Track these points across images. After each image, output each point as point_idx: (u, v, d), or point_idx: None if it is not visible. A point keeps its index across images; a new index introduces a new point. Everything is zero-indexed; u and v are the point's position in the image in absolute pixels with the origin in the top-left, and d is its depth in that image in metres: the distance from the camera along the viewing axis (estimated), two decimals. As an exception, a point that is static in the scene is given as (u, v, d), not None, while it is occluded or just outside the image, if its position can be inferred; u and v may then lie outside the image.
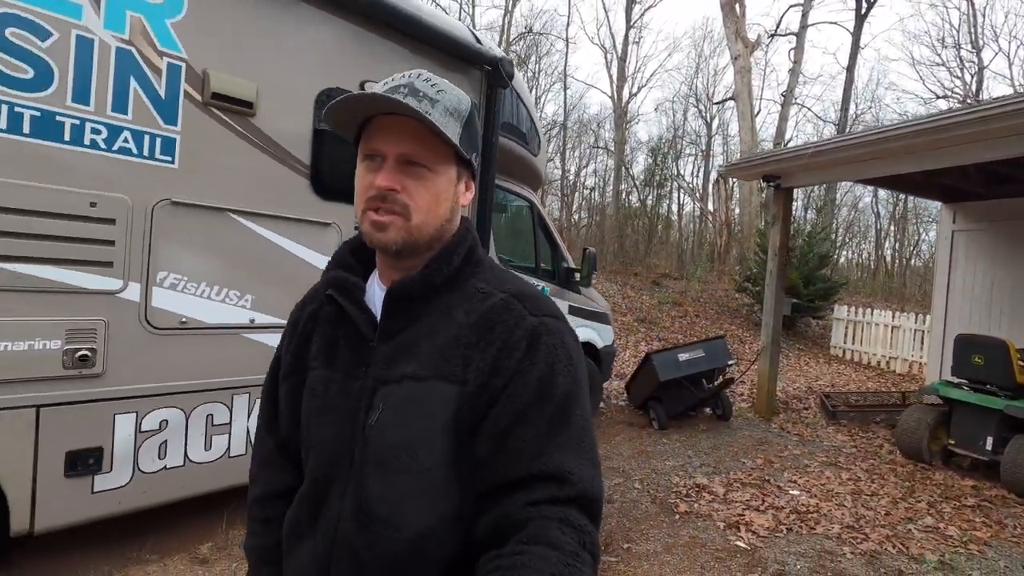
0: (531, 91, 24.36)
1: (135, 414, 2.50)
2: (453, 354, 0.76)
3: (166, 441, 2.61)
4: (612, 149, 24.55)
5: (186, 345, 2.64)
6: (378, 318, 0.82)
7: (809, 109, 31.78)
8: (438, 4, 17.86)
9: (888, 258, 24.93)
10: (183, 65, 2.53)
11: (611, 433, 5.35)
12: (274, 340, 2.62)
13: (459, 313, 0.79)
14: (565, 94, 26.17)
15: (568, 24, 40.60)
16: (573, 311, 5.28)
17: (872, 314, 11.00)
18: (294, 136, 2.94)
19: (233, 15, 2.66)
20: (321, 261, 3.06)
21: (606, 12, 42.56)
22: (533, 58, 26.31)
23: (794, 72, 19.40)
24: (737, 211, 18.56)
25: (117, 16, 2.34)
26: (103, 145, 2.34)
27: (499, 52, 3.88)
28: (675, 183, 22.94)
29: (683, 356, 5.63)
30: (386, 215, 0.77)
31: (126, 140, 2.40)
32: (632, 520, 3.48)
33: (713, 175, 24.33)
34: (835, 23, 22.83)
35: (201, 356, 2.69)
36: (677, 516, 3.56)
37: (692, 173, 26.72)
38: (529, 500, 0.68)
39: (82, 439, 2.37)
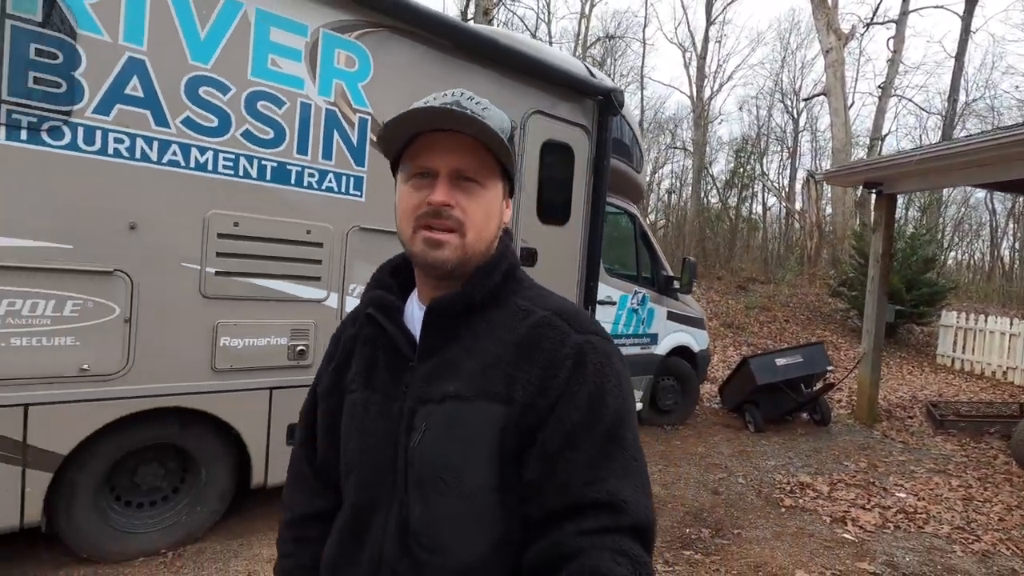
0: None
1: (332, 397, 3.14)
2: (496, 373, 0.73)
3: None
4: (691, 149, 24.21)
5: (368, 343, 3.25)
6: (417, 338, 0.80)
7: (910, 100, 29.69)
8: (523, 21, 18.45)
9: (1005, 259, 22.83)
10: (369, 118, 3.15)
11: (708, 433, 5.59)
12: None
13: (500, 331, 0.76)
14: (642, 95, 26.13)
15: (645, 25, 40.22)
16: (671, 316, 5.59)
17: (986, 321, 10.33)
18: (446, 169, 3.51)
19: (404, 75, 3.26)
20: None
21: (684, 11, 41.74)
22: (608, 61, 26.49)
23: (893, 62, 18.31)
24: (829, 211, 17.79)
25: (326, 84, 2.99)
26: (316, 185, 3.00)
27: (611, 84, 4.30)
28: (760, 183, 22.25)
29: (781, 361, 5.76)
30: (441, 232, 0.75)
31: (331, 180, 3.05)
32: (739, 510, 3.76)
33: (801, 174, 23.39)
34: (941, 7, 21.02)
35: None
36: (783, 509, 3.80)
37: (778, 172, 25.78)
38: (581, 529, 0.66)
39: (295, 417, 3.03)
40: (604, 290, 4.69)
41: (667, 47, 54.43)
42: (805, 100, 23.47)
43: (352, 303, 3.18)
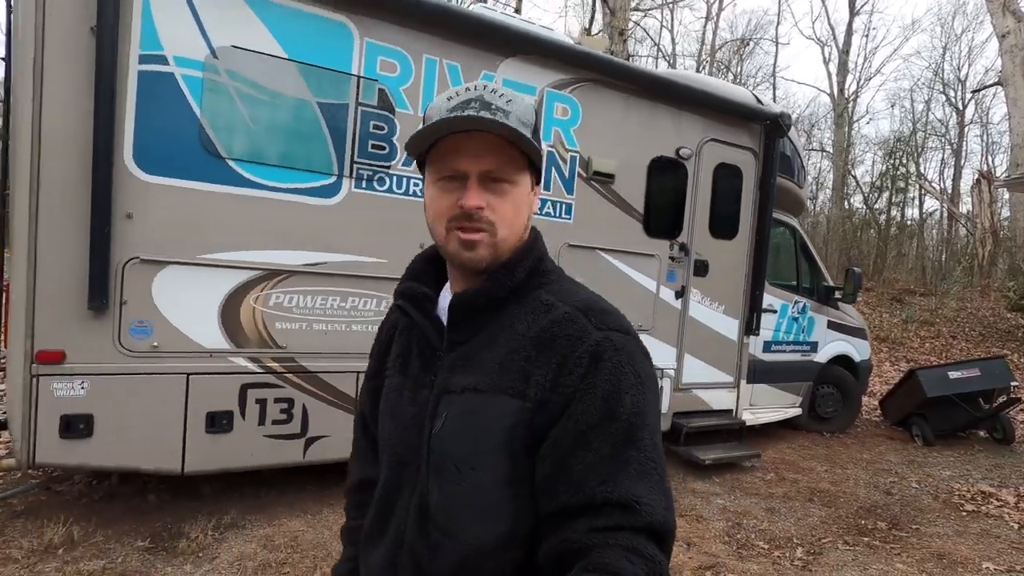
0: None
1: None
2: (513, 367, 0.75)
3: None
4: (830, 151, 22.69)
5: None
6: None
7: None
8: (647, 32, 18.69)
9: None
10: (577, 156, 3.88)
11: (872, 443, 5.62)
12: None
13: (521, 325, 0.77)
14: (774, 95, 24.99)
15: (778, 23, 38.22)
16: (831, 325, 5.72)
17: None
18: (634, 193, 4.14)
19: (603, 117, 3.95)
20: (648, 282, 4.24)
21: (824, 4, 38.96)
22: (734, 62, 25.72)
23: (1090, 44, 15.91)
24: (1006, 214, 15.86)
25: (548, 131, 3.76)
26: (540, 211, 3.77)
27: (777, 109, 4.68)
28: (915, 184, 20.26)
29: (954, 374, 5.63)
30: (474, 233, 0.76)
31: (549, 207, 3.81)
32: (915, 510, 3.92)
33: (968, 172, 20.96)
34: None
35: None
36: (964, 513, 3.89)
37: (938, 172, 23.29)
38: (594, 526, 0.66)
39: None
40: (765, 299, 5.02)
41: (802, 44, 51.01)
42: (974, 92, 21.03)
43: (561, 306, 3.91)
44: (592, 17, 19.47)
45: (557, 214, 3.85)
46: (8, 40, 2.83)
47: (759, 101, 4.70)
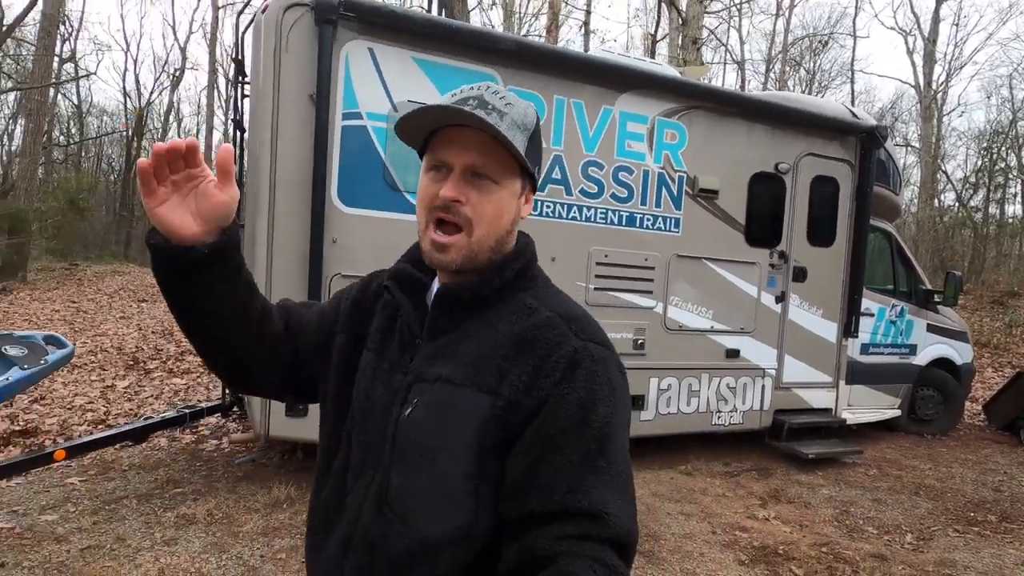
0: (808, 92, 23.07)
1: (658, 378, 4.33)
2: (489, 365, 0.75)
3: (670, 396, 4.38)
4: (916, 145, 21.57)
5: (682, 340, 4.39)
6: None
7: None
8: (714, 33, 18.59)
9: None
10: (685, 175, 4.32)
11: (976, 446, 5.63)
12: (724, 341, 4.18)
13: (503, 325, 0.78)
14: (852, 89, 24.04)
15: (856, 15, 36.58)
16: (931, 329, 5.80)
17: None
18: (736, 206, 4.52)
19: (708, 139, 4.37)
20: (749, 288, 4.59)
21: (905, -9, 36.87)
22: (807, 58, 24.93)
23: None
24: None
25: (658, 155, 4.23)
26: (651, 226, 4.24)
27: (873, 121, 4.93)
28: (1017, 179, 18.94)
29: (1066, 376, 5.55)
30: (447, 236, 0.77)
31: (661, 222, 4.27)
32: (1026, 506, 4.04)
33: (1081, 166, 19.29)
34: None
35: (688, 347, 4.41)
36: (1080, 510, 3.97)
37: (1044, 165, 21.52)
38: (561, 534, 0.66)
39: (636, 389, 4.26)
40: (863, 303, 5.21)
41: (883, 36, 48.35)
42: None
43: (673, 312, 4.34)
44: (658, 24, 19.69)
45: (667, 228, 4.29)
46: (236, 107, 3.62)
47: (854, 115, 4.95)
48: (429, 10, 6.53)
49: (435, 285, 0.85)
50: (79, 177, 20.34)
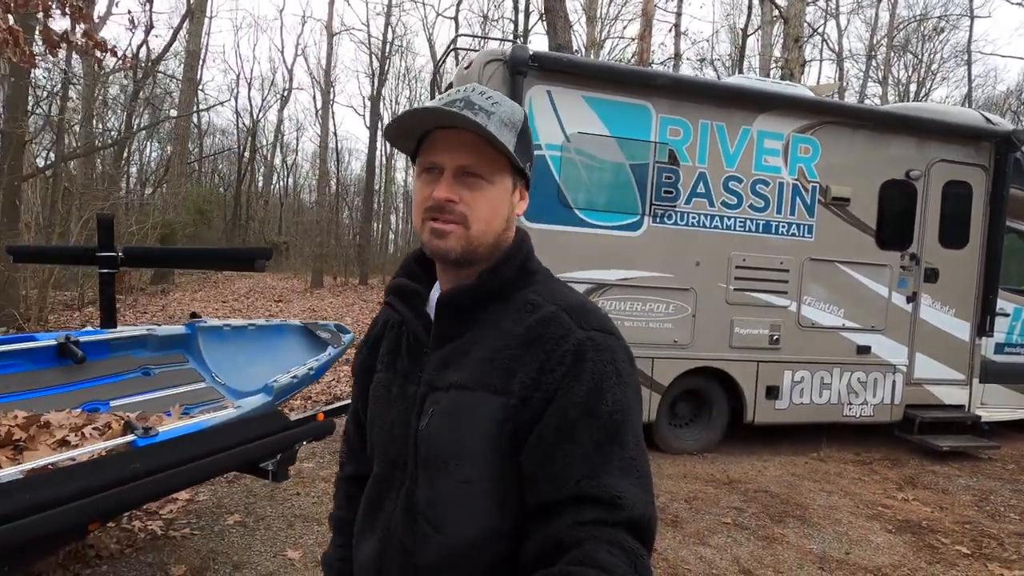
0: (918, 78, 21.71)
1: (791, 371, 4.74)
2: (498, 365, 0.76)
3: (803, 388, 4.78)
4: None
5: (815, 336, 4.78)
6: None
7: None
8: (810, 26, 18.00)
9: None
10: (818, 185, 4.71)
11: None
12: (855, 338, 4.55)
13: (507, 324, 0.79)
14: (969, 72, 22.29)
15: (970, -6, 33.59)
16: (1073, 329, 5.73)
17: None
18: (867, 212, 4.84)
19: (839, 151, 4.74)
20: (880, 289, 4.89)
21: (1032, -38, 33.36)
22: (914, 42, 23.36)
23: None
24: None
25: (793, 167, 4.66)
26: (785, 233, 4.67)
27: (1009, 126, 5.06)
28: None
29: None
30: (445, 223, 0.78)
31: (795, 228, 4.69)
32: None
33: None
34: None
35: (822, 343, 4.79)
36: None
37: None
38: (577, 521, 0.68)
39: (771, 380, 4.71)
40: (997, 303, 5.31)
41: (1007, 13, 43.81)
42: None
43: (807, 311, 4.74)
44: (747, 21, 19.40)
45: (801, 234, 4.71)
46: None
47: (989, 121, 5.10)
48: (517, 32, 7.20)
49: (435, 295, 0.87)
50: (200, 190, 23.06)
